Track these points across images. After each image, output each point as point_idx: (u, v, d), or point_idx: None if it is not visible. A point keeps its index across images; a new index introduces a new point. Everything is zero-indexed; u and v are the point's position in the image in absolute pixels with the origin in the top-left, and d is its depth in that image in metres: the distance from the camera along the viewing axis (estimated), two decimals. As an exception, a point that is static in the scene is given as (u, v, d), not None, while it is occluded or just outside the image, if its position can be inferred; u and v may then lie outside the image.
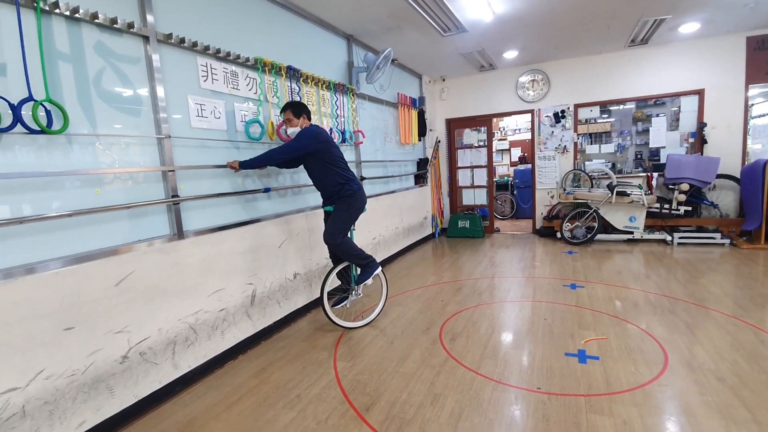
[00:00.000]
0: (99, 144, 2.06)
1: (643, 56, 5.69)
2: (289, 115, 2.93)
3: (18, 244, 1.75)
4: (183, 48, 2.50)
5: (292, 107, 2.94)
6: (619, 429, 1.85)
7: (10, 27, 1.71)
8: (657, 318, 3.05)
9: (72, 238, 1.94)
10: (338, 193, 2.99)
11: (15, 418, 1.70)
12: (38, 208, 1.82)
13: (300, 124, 2.95)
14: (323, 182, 3.02)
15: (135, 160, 2.23)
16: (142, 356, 2.20)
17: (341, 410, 2.13)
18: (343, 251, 3.03)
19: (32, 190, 1.80)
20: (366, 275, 3.17)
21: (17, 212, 1.75)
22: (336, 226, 2.99)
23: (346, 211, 3.02)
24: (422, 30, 4.37)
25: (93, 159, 2.03)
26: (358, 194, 3.06)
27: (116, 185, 2.13)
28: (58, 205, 1.89)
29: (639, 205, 5.34)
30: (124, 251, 2.12)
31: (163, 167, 2.35)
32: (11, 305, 1.68)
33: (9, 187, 1.72)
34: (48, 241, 1.85)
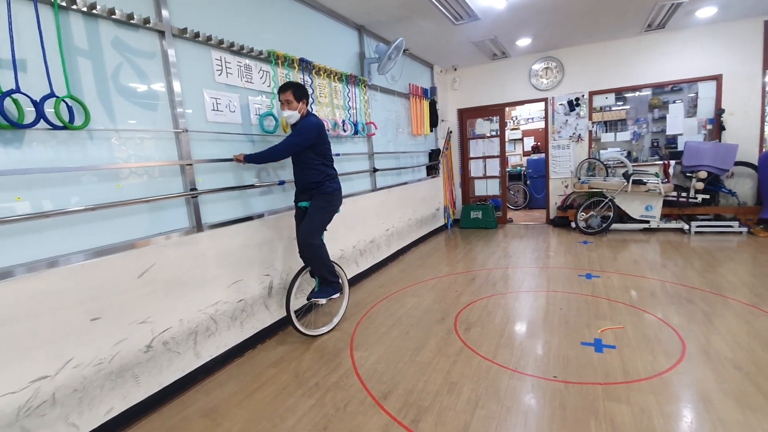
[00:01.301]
0: (118, 139, 2.10)
1: (660, 41, 5.55)
2: (290, 96, 2.69)
3: (44, 238, 1.80)
4: (198, 42, 2.52)
5: (294, 88, 2.70)
6: (637, 417, 1.85)
7: (29, 23, 1.75)
8: (674, 307, 3.02)
9: (95, 231, 1.99)
10: (318, 187, 2.79)
11: (45, 406, 1.77)
12: (62, 202, 1.87)
13: (299, 109, 2.74)
14: (306, 174, 2.79)
15: (153, 154, 2.27)
16: (165, 346, 2.26)
17: (359, 398, 2.16)
18: (316, 257, 2.77)
19: (56, 185, 1.85)
20: (324, 293, 2.89)
21: (42, 207, 1.80)
22: (314, 224, 2.77)
23: (325, 209, 2.81)
24: (434, 19, 4.32)
25: (113, 154, 2.08)
26: (338, 193, 2.89)
27: (136, 179, 2.18)
28: (82, 200, 1.94)
29: (655, 193, 5.25)
30: (145, 244, 2.17)
31: (181, 161, 2.39)
32: (40, 296, 1.74)
33: (34, 182, 1.77)
34: (72, 235, 1.90)
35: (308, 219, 2.78)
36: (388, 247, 4.91)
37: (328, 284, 2.90)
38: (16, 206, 1.72)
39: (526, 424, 1.87)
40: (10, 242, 1.69)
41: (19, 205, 1.72)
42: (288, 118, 2.76)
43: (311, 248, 2.74)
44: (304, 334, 2.89)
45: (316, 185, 2.80)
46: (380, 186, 4.77)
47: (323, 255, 2.82)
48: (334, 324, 3.08)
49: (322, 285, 2.91)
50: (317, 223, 2.78)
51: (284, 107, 2.73)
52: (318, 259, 2.78)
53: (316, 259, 2.78)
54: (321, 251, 2.80)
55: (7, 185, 1.69)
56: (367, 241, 4.41)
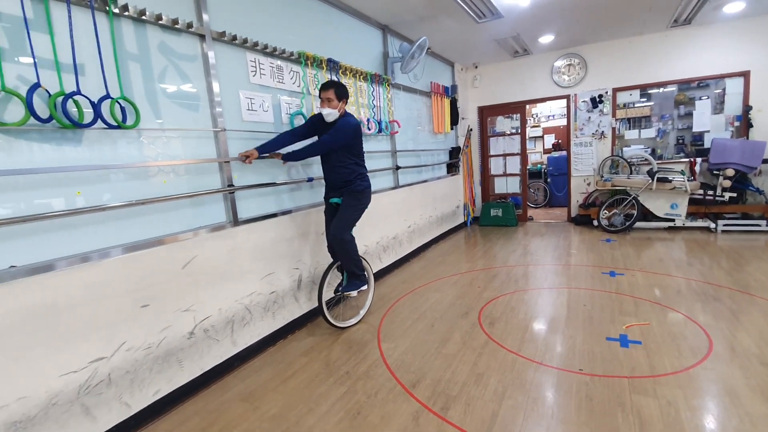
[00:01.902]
0: (164, 138, 2.23)
1: (686, 37, 5.46)
2: (331, 95, 2.74)
3: (99, 230, 1.93)
4: (234, 45, 2.64)
5: (336, 87, 2.76)
6: (664, 409, 1.89)
7: (86, 30, 1.88)
8: (701, 305, 3.01)
9: (144, 223, 2.12)
10: (349, 185, 2.87)
11: (102, 385, 1.91)
12: (115, 197, 2.00)
13: (339, 108, 2.79)
14: (338, 172, 2.86)
15: (195, 152, 2.40)
16: (206, 333, 2.39)
17: (389, 386, 2.25)
18: (347, 251, 2.86)
19: (109, 181, 1.98)
20: (353, 286, 2.98)
21: (98, 201, 1.93)
22: (347, 219, 2.86)
23: (356, 206, 2.90)
24: (457, 18, 4.37)
25: (159, 151, 2.21)
26: (369, 191, 2.97)
27: (180, 176, 2.31)
28: (132, 194, 2.07)
29: (681, 191, 5.18)
30: (188, 237, 2.30)
31: (220, 158, 2.51)
32: (98, 284, 1.88)
33: (90, 178, 1.91)
34: (124, 227, 2.03)
35: (340, 215, 2.86)
36: (409, 244, 4.98)
37: (356, 278, 2.99)
38: (76, 200, 1.85)
39: (553, 414, 1.92)
40: (70, 234, 1.83)
41: (79, 199, 1.86)
42: (327, 116, 2.79)
43: (343, 243, 2.83)
44: (334, 325, 2.99)
45: (348, 183, 2.88)
46: (402, 183, 4.85)
47: (353, 250, 2.90)
48: (361, 316, 3.18)
49: (351, 278, 3.01)
50: (349, 220, 2.87)
51: (324, 105, 2.77)
52: (348, 253, 2.87)
53: (346, 254, 2.87)
54: (351, 246, 2.88)
55: (68, 181, 1.83)
56: (389, 237, 4.50)
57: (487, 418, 1.92)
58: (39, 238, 1.72)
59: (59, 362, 1.75)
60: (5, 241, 1.63)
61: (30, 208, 1.70)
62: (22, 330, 1.64)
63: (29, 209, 1.70)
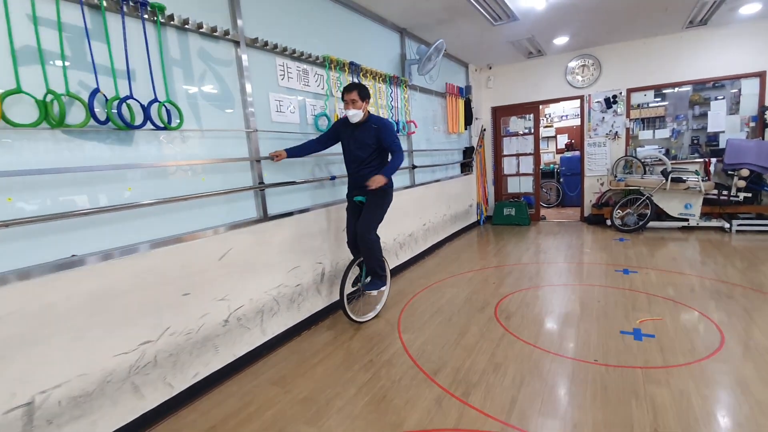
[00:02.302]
0: (202, 138, 2.38)
1: (702, 38, 5.49)
2: (355, 96, 2.81)
3: (147, 223, 2.09)
4: (265, 50, 2.79)
5: (360, 89, 2.84)
6: (676, 398, 1.98)
7: (137, 38, 2.03)
8: (714, 302, 3.08)
9: (186, 218, 2.28)
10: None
11: (149, 366, 2.07)
12: (160, 192, 2.16)
13: (363, 108, 2.86)
14: (367, 170, 2.92)
15: (229, 151, 2.55)
16: (239, 321, 2.55)
17: (412, 373, 2.38)
18: (372, 250, 2.95)
19: (156, 178, 2.14)
20: (375, 285, 3.08)
21: (146, 197, 2.09)
22: (373, 219, 2.94)
23: (382, 206, 2.98)
24: (473, 20, 4.47)
25: (199, 151, 2.36)
26: (392, 189, 3.04)
27: (216, 174, 2.46)
28: (175, 191, 2.22)
29: (695, 191, 5.22)
30: (224, 231, 2.46)
31: (252, 157, 2.66)
32: (147, 273, 2.04)
33: (139, 176, 2.07)
34: (168, 221, 2.19)
35: (366, 214, 2.93)
36: (424, 241, 5.10)
37: (378, 277, 3.09)
38: (127, 195, 2.01)
39: (570, 400, 2.03)
40: (122, 226, 1.98)
41: (129, 194, 2.02)
42: (352, 117, 2.86)
43: (369, 243, 2.92)
44: (352, 320, 3.10)
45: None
46: (418, 182, 4.97)
47: (378, 249, 3.00)
48: (377, 311, 3.29)
49: (373, 278, 3.10)
50: (375, 219, 2.95)
51: (349, 106, 2.84)
52: (374, 252, 2.96)
53: (372, 253, 2.96)
54: (377, 245, 2.98)
55: (120, 178, 1.99)
56: (406, 234, 4.62)
57: (507, 403, 2.04)
58: (95, 230, 1.88)
59: (113, 343, 1.91)
60: (67, 232, 1.79)
61: (87, 203, 1.86)
62: (83, 313, 1.80)
63: (87, 203, 1.86)
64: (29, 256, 1.67)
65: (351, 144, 2.96)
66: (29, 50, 1.67)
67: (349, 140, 2.97)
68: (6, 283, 1.58)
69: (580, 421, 1.86)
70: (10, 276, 1.59)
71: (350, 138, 2.96)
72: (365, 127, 2.91)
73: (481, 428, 1.87)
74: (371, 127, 2.90)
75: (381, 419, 1.98)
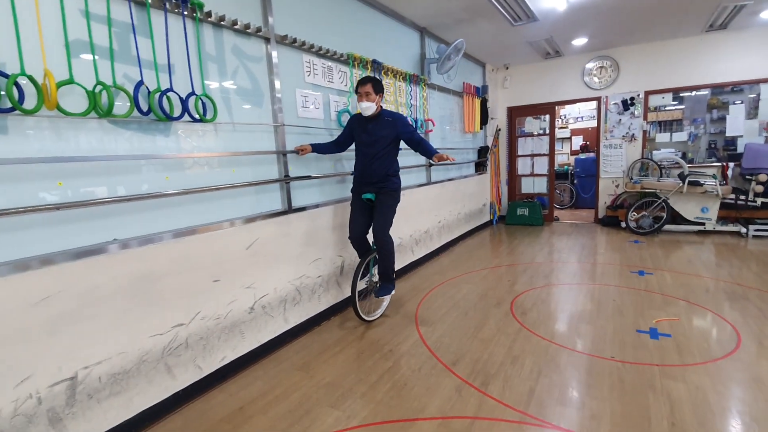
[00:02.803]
0: (233, 131, 2.47)
1: (721, 41, 5.46)
2: (369, 89, 2.79)
3: (181, 211, 2.19)
4: (293, 47, 2.87)
5: (373, 81, 2.81)
6: (692, 393, 2.02)
7: (177, 34, 2.12)
8: (729, 303, 3.10)
9: (217, 207, 2.37)
10: (385, 182, 2.93)
11: (181, 348, 2.16)
12: (195, 182, 2.25)
13: (377, 101, 2.84)
14: (379, 166, 2.90)
15: (258, 144, 2.64)
16: (264, 309, 2.64)
17: (430, 363, 2.45)
18: (389, 252, 2.94)
19: (191, 168, 2.23)
20: (386, 290, 3.05)
21: (182, 186, 2.18)
22: (387, 220, 2.92)
23: (394, 206, 2.98)
24: (493, 20, 4.51)
25: (229, 143, 2.45)
26: (400, 187, 3.04)
27: (245, 166, 2.55)
28: (208, 181, 2.32)
29: (713, 195, 5.20)
30: (252, 221, 2.54)
31: (279, 150, 2.75)
32: (182, 258, 2.13)
33: (176, 165, 2.16)
34: (201, 210, 2.29)
35: (380, 215, 2.90)
36: (439, 239, 5.16)
37: (389, 281, 3.04)
38: (166, 185, 2.11)
39: (587, 391, 2.08)
40: (159, 213, 2.08)
41: (167, 183, 2.12)
42: (366, 110, 2.84)
43: (386, 244, 2.91)
44: (363, 319, 3.02)
45: (386, 178, 2.92)
46: (434, 180, 5.02)
47: (393, 251, 2.98)
48: (383, 309, 3.22)
49: (384, 282, 3.06)
50: (389, 220, 2.94)
51: (362, 99, 2.82)
52: (389, 255, 2.95)
53: (387, 255, 2.94)
54: (392, 247, 2.96)
55: (158, 167, 2.08)
56: (421, 231, 4.68)
57: (525, 393, 2.10)
58: (134, 216, 1.98)
59: (150, 324, 2.01)
60: (109, 217, 1.89)
61: (128, 190, 1.96)
62: (124, 294, 1.90)
63: (128, 190, 1.96)
64: (75, 239, 1.77)
65: (365, 138, 2.91)
66: (80, 43, 1.76)
67: (362, 135, 2.93)
68: (56, 263, 1.67)
69: (598, 412, 1.91)
70: (61, 256, 1.69)
71: (363, 132, 2.92)
72: (380, 121, 2.89)
73: (500, 417, 1.93)
74: (386, 120, 2.89)
75: (403, 405, 2.05)
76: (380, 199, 2.94)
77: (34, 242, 1.65)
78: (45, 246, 1.68)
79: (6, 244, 1.57)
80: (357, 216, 3.02)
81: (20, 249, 1.61)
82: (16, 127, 1.60)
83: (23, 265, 1.58)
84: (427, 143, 2.95)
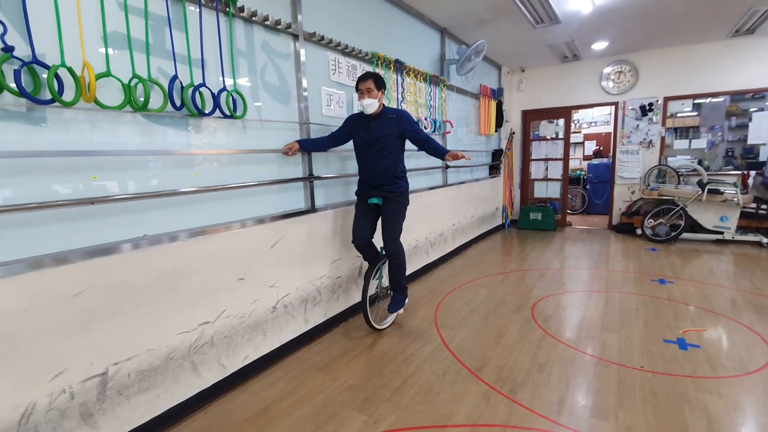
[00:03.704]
0: (261, 128, 2.45)
1: (747, 47, 5.37)
2: (371, 85, 2.61)
3: (209, 208, 2.16)
4: (321, 45, 2.84)
5: (375, 78, 2.63)
6: (730, 407, 1.97)
7: (210, 28, 2.10)
8: (757, 315, 3.04)
9: (243, 205, 2.35)
10: (392, 184, 2.75)
11: (206, 346, 2.14)
12: (222, 179, 2.23)
13: (378, 98, 2.66)
14: (385, 166, 2.72)
15: (284, 142, 2.60)
16: (285, 309, 2.61)
17: (455, 369, 2.41)
18: (400, 261, 2.80)
19: (219, 164, 2.21)
20: (398, 303, 2.91)
21: (211, 182, 2.16)
22: (398, 225, 2.77)
23: (403, 212, 2.83)
24: (515, 22, 4.46)
25: (256, 140, 2.43)
26: (408, 189, 2.87)
27: (271, 163, 2.52)
28: (235, 177, 2.29)
29: (733, 204, 5.12)
30: (276, 220, 2.52)
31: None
32: (210, 256, 2.11)
33: (205, 160, 2.14)
34: (228, 206, 2.26)
35: (389, 223, 2.76)
36: (453, 241, 5.11)
37: (401, 292, 2.92)
38: (193, 180, 2.08)
39: (620, 403, 2.04)
40: (187, 210, 2.06)
41: (197, 179, 2.09)
42: (367, 107, 2.64)
43: (398, 252, 2.78)
44: (374, 328, 2.89)
45: (392, 180, 2.75)
46: (450, 182, 4.98)
47: (404, 260, 2.86)
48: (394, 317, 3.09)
49: (396, 293, 2.93)
50: (400, 226, 2.80)
51: (364, 96, 2.63)
52: (401, 263, 2.82)
53: (399, 264, 2.82)
54: (403, 255, 2.85)
55: (189, 162, 2.06)
56: (437, 233, 4.64)
57: (555, 402, 2.05)
58: (163, 212, 1.96)
59: (177, 322, 1.99)
60: (140, 212, 1.87)
61: (159, 185, 1.93)
62: (153, 290, 1.87)
63: (158, 185, 1.93)
64: (106, 233, 1.75)
65: (366, 137, 2.71)
66: (117, 36, 1.74)
67: (364, 134, 2.72)
68: (91, 257, 1.65)
69: (633, 424, 1.87)
70: (95, 251, 1.67)
71: (366, 132, 2.72)
72: (383, 119, 2.71)
73: (532, 426, 1.89)
74: (390, 117, 2.72)
75: (431, 410, 2.02)
76: (388, 205, 2.78)
77: (68, 235, 1.63)
78: (79, 239, 1.66)
79: (42, 236, 1.55)
80: (362, 221, 2.85)
81: (55, 242, 1.59)
82: (55, 119, 1.58)
83: (61, 259, 1.57)
84: (435, 141, 2.78)
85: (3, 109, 1.46)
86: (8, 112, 1.47)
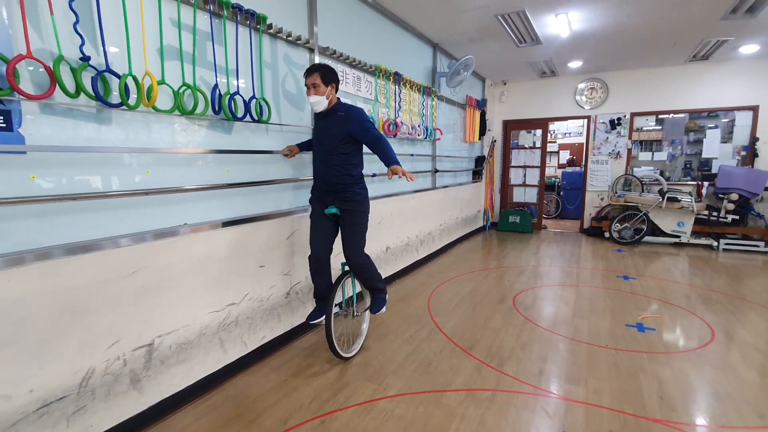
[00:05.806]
0: (280, 132, 2.73)
1: (703, 71, 6.00)
2: (317, 80, 2.30)
3: (236, 201, 2.42)
4: (332, 57, 3.15)
5: (323, 70, 2.32)
6: (677, 375, 2.38)
7: (243, 43, 2.37)
8: (704, 306, 3.52)
9: (264, 200, 2.62)
10: (347, 193, 2.44)
11: (232, 325, 2.39)
12: (248, 176, 2.49)
13: (327, 94, 2.35)
14: (331, 172, 2.42)
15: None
16: (297, 295, 2.88)
17: (449, 347, 2.74)
18: (368, 269, 2.54)
19: (245, 163, 2.47)
20: (380, 303, 2.64)
21: (240, 179, 2.42)
22: (361, 239, 2.49)
23: (365, 222, 2.52)
24: (500, 41, 4.88)
25: (277, 142, 2.70)
26: (368, 199, 2.56)
27: (287, 164, 2.80)
28: (258, 175, 2.56)
29: (688, 211, 5.70)
30: (291, 214, 2.79)
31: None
32: (238, 244, 2.37)
33: (234, 160, 2.40)
34: (253, 201, 2.53)
35: (350, 239, 2.47)
36: (440, 241, 5.48)
37: (380, 292, 2.69)
38: (225, 176, 2.35)
39: (589, 372, 2.42)
40: (218, 202, 2.31)
41: (228, 176, 2.36)
42: (315, 105, 2.36)
43: (364, 267, 2.53)
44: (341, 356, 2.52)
45: (348, 187, 2.44)
46: (439, 186, 5.35)
47: (372, 266, 2.60)
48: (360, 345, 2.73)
49: (375, 295, 2.70)
50: (362, 240, 2.51)
51: (310, 92, 2.35)
52: (369, 272, 2.58)
53: (367, 272, 2.57)
54: (372, 264, 2.59)
55: (221, 161, 2.32)
56: (426, 232, 4.99)
57: (536, 372, 2.42)
58: (198, 204, 2.21)
59: (209, 301, 2.24)
60: (181, 203, 2.12)
61: (195, 180, 2.19)
62: (191, 273, 2.12)
63: (197, 180, 2.19)
64: (154, 221, 1.99)
65: (321, 138, 2.48)
66: (170, 49, 2.00)
67: (318, 134, 2.51)
68: (143, 241, 1.90)
69: (599, 388, 2.25)
70: (147, 236, 1.91)
71: (320, 131, 2.50)
72: (333, 117, 2.42)
73: (517, 390, 2.24)
74: (339, 116, 2.40)
75: (431, 380, 2.34)
76: (346, 218, 2.47)
77: (127, 221, 1.87)
78: (132, 226, 1.89)
79: (106, 220, 1.79)
80: (319, 234, 2.53)
81: (115, 226, 1.83)
82: (118, 120, 1.83)
83: (119, 242, 1.80)
84: (387, 146, 2.38)
85: (78, 110, 1.70)
86: (82, 113, 1.71)
